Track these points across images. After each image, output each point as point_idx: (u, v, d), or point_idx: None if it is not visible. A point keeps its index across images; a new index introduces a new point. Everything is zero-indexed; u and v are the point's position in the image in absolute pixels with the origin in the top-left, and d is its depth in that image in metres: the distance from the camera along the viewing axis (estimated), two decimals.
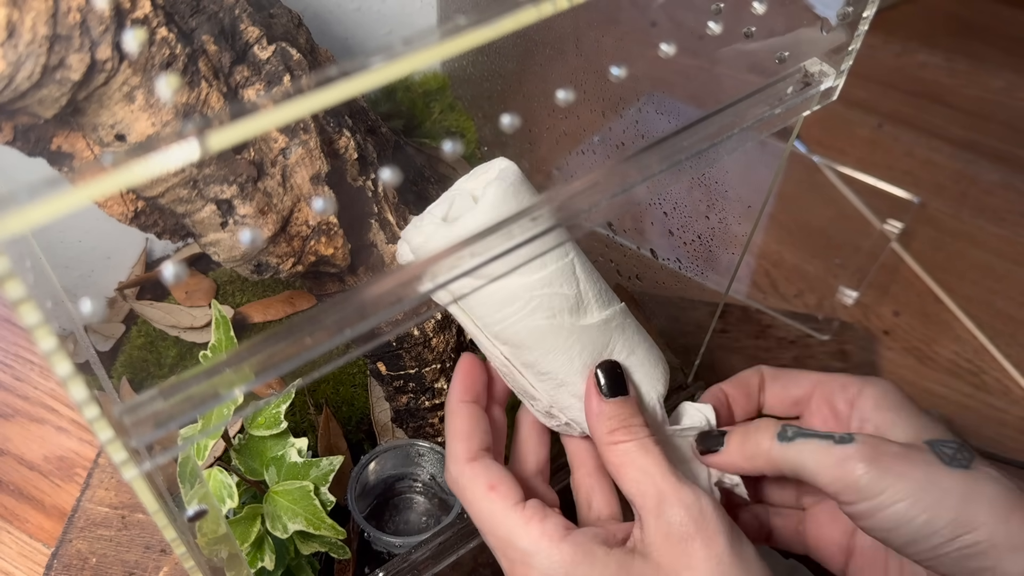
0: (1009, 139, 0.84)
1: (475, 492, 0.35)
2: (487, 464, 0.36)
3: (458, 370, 0.39)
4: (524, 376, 0.37)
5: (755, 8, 0.32)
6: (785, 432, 0.35)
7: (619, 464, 0.34)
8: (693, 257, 0.51)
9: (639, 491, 0.33)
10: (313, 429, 0.51)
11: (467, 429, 0.37)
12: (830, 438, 0.34)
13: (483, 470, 0.35)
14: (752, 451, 0.36)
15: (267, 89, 0.41)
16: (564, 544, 0.32)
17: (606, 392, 0.36)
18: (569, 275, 0.36)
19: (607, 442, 0.35)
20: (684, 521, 0.32)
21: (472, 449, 0.36)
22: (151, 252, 0.62)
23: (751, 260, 0.71)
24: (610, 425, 0.35)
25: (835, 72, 0.34)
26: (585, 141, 0.55)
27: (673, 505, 0.32)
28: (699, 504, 0.32)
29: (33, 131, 0.37)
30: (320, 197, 0.38)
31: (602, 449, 0.35)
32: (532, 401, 0.39)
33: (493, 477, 0.35)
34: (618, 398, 0.36)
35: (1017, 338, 0.67)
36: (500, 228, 0.26)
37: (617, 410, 0.35)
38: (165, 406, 0.21)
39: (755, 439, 0.36)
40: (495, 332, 0.36)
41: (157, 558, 0.49)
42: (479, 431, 0.37)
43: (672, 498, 0.32)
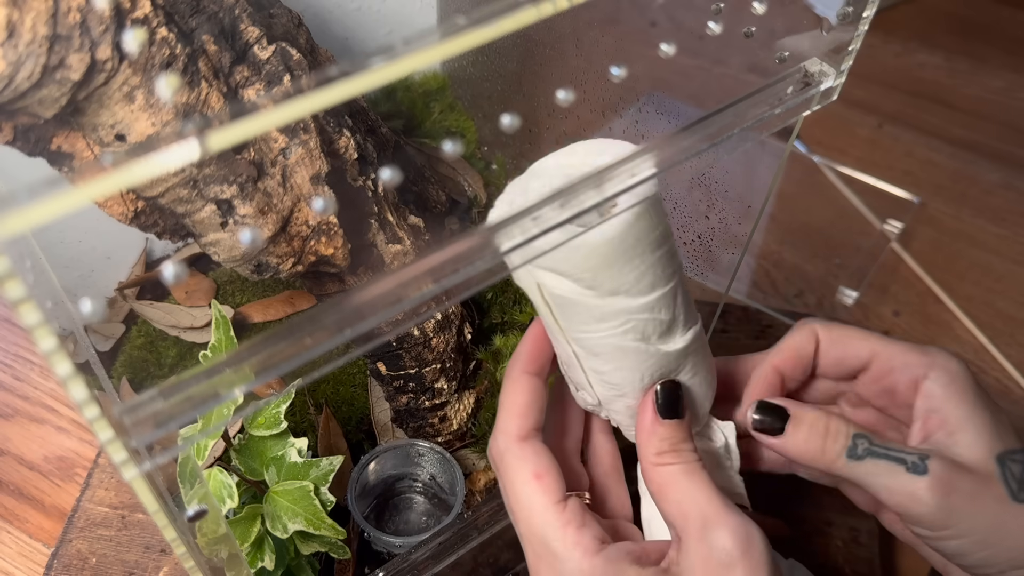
0: (1009, 139, 0.84)
1: (519, 475, 0.33)
2: (538, 449, 0.34)
3: (527, 337, 0.36)
4: (587, 376, 0.36)
5: (755, 8, 0.32)
6: (855, 449, 0.34)
7: (662, 484, 0.33)
8: (693, 257, 0.51)
9: (681, 512, 0.32)
10: (313, 429, 0.51)
11: (525, 404, 0.35)
12: (903, 462, 0.33)
13: (533, 454, 0.34)
14: (815, 455, 0.35)
15: (267, 89, 0.41)
16: (597, 558, 0.31)
17: (662, 412, 0.34)
18: (671, 301, 0.34)
19: (654, 462, 0.33)
20: (729, 548, 0.30)
21: (526, 427, 0.34)
22: (151, 252, 0.62)
23: (751, 260, 0.71)
24: (660, 447, 0.34)
25: (835, 72, 0.34)
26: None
27: (719, 529, 0.31)
28: (747, 531, 0.31)
29: (33, 131, 0.37)
30: (320, 197, 0.38)
31: (646, 466, 0.34)
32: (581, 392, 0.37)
33: (542, 465, 0.33)
34: (673, 420, 0.34)
35: (1017, 338, 0.67)
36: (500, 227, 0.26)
37: (670, 432, 0.34)
38: (165, 406, 0.21)
39: (822, 444, 0.35)
40: (576, 337, 0.34)
41: (157, 558, 0.49)
42: (536, 408, 0.35)
43: (717, 522, 0.31)
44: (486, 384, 0.53)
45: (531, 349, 0.36)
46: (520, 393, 0.35)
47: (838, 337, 0.39)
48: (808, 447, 0.35)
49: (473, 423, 0.53)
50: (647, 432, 0.34)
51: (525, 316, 0.55)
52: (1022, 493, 0.33)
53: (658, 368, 0.35)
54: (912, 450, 0.34)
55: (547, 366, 0.36)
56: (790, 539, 0.50)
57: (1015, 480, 0.33)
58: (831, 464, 0.34)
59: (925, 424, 0.35)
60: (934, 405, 0.35)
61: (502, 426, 0.35)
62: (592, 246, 0.30)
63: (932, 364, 0.36)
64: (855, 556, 0.51)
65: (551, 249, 0.28)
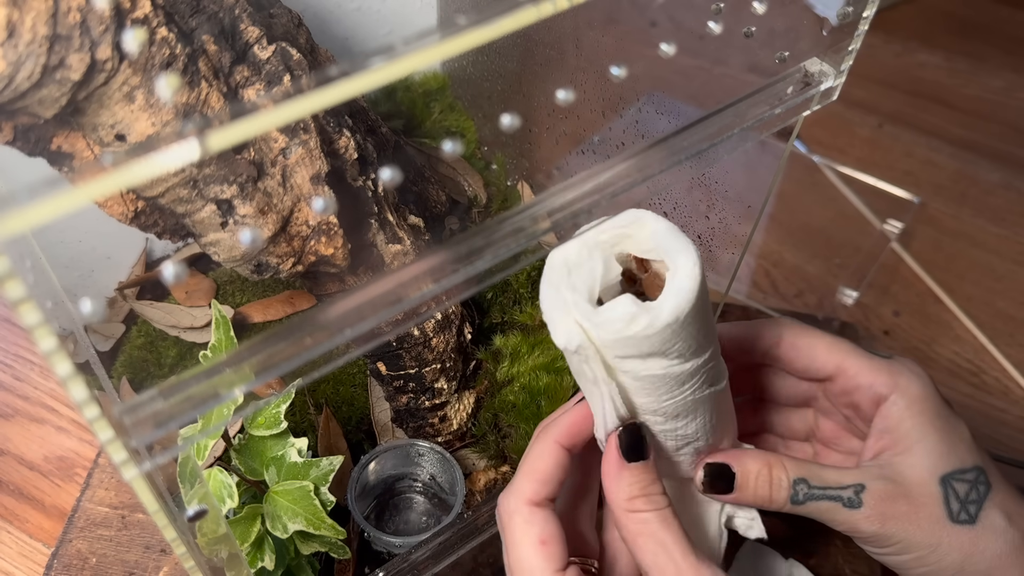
0: (1009, 139, 0.84)
1: (524, 538, 0.34)
2: (547, 516, 0.34)
3: (572, 414, 0.36)
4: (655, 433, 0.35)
5: (755, 8, 0.32)
6: (797, 496, 0.36)
7: (636, 533, 0.33)
8: None
9: (655, 565, 0.32)
10: (313, 429, 0.51)
11: (548, 472, 0.35)
12: (839, 500, 0.35)
13: (542, 520, 0.34)
14: (766, 503, 0.36)
15: (267, 89, 0.41)
16: None
17: (627, 456, 0.34)
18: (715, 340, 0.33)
19: (626, 508, 0.34)
20: None
21: (542, 494, 0.35)
22: (151, 252, 0.62)
23: (751, 260, 0.71)
24: (630, 491, 0.34)
25: (835, 72, 0.34)
26: (585, 141, 0.55)
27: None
28: None
29: (33, 131, 0.37)
30: (320, 197, 0.38)
31: (619, 514, 0.34)
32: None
33: (548, 532, 0.34)
34: (639, 463, 0.34)
35: (1017, 338, 0.67)
36: (499, 228, 0.26)
37: (637, 476, 0.34)
38: (165, 406, 0.21)
39: (768, 494, 0.36)
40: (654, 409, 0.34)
41: (157, 558, 0.49)
42: (557, 480, 0.35)
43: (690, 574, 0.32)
44: (486, 384, 0.53)
45: (572, 425, 0.36)
46: (546, 460, 0.35)
47: (806, 345, 0.39)
48: (757, 498, 0.36)
49: (473, 423, 0.53)
50: (614, 477, 0.34)
51: (525, 316, 0.55)
52: (962, 514, 0.35)
53: (714, 406, 0.35)
54: (849, 483, 0.35)
55: (580, 446, 0.36)
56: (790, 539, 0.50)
57: (958, 500, 0.35)
58: (781, 508, 0.36)
59: (877, 442, 0.37)
60: (889, 425, 0.37)
61: (518, 486, 0.35)
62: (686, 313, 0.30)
63: (895, 385, 0.37)
64: (855, 555, 0.51)
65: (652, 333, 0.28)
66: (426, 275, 0.25)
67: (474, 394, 0.53)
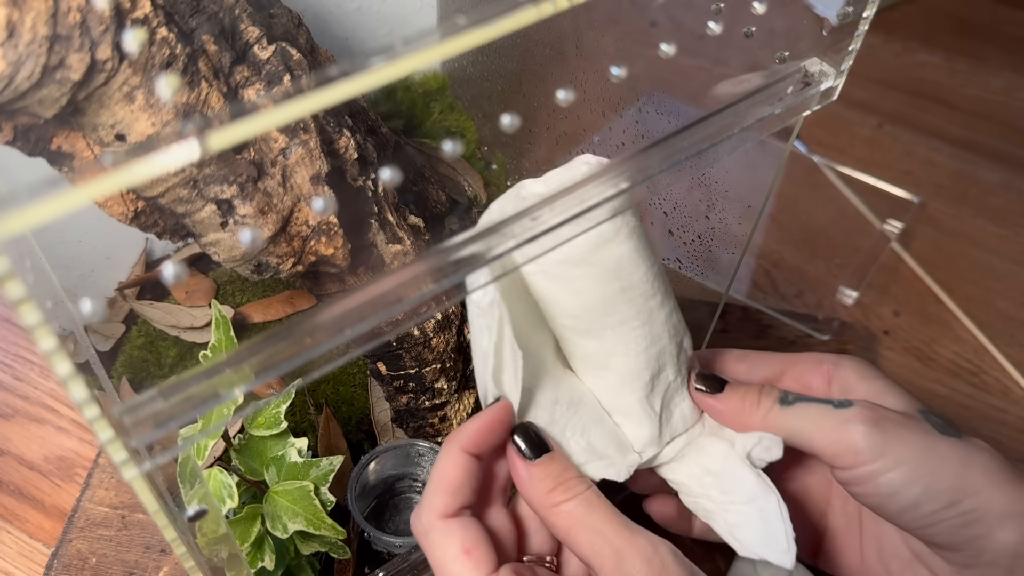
0: (1009, 139, 0.84)
1: (446, 553, 0.32)
2: (464, 523, 0.33)
3: (481, 418, 0.34)
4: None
5: (755, 8, 0.32)
6: (787, 397, 0.35)
7: (568, 527, 0.32)
8: (693, 257, 0.51)
9: (594, 552, 0.31)
10: (313, 429, 0.51)
11: (457, 483, 0.33)
12: (829, 403, 0.34)
13: (460, 529, 0.32)
14: (751, 408, 0.35)
15: (267, 89, 0.41)
16: None
17: (529, 455, 0.34)
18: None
19: (547, 505, 0.33)
20: (645, 573, 0.30)
21: (454, 505, 0.33)
22: (151, 252, 0.62)
23: (751, 260, 0.71)
24: (544, 487, 0.33)
25: (835, 72, 0.34)
26: (585, 141, 0.55)
27: (632, 559, 0.31)
28: (658, 555, 0.31)
29: (33, 131, 0.37)
30: (320, 197, 0.38)
31: (545, 515, 0.33)
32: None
33: (470, 540, 0.32)
34: (543, 457, 0.34)
35: (1017, 338, 0.67)
36: (500, 227, 0.26)
37: (547, 470, 0.33)
38: (165, 406, 0.21)
39: (757, 397, 0.35)
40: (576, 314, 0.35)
41: (157, 558, 0.49)
42: (468, 488, 0.34)
43: (629, 553, 0.31)
44: None
45: (478, 430, 0.34)
46: (453, 469, 0.33)
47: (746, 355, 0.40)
48: (744, 403, 0.36)
49: None
50: (526, 480, 0.33)
51: None
52: (947, 431, 0.33)
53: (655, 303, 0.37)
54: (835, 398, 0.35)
55: (488, 452, 0.35)
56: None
57: (939, 426, 0.34)
58: (764, 418, 0.35)
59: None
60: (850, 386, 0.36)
61: (428, 502, 0.34)
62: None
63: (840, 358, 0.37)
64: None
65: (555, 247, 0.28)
66: (426, 275, 0.25)
67: (474, 394, 0.53)
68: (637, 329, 0.36)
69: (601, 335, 0.35)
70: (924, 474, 0.32)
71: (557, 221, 0.26)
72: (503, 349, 0.33)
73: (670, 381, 0.38)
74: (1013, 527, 0.31)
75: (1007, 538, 0.31)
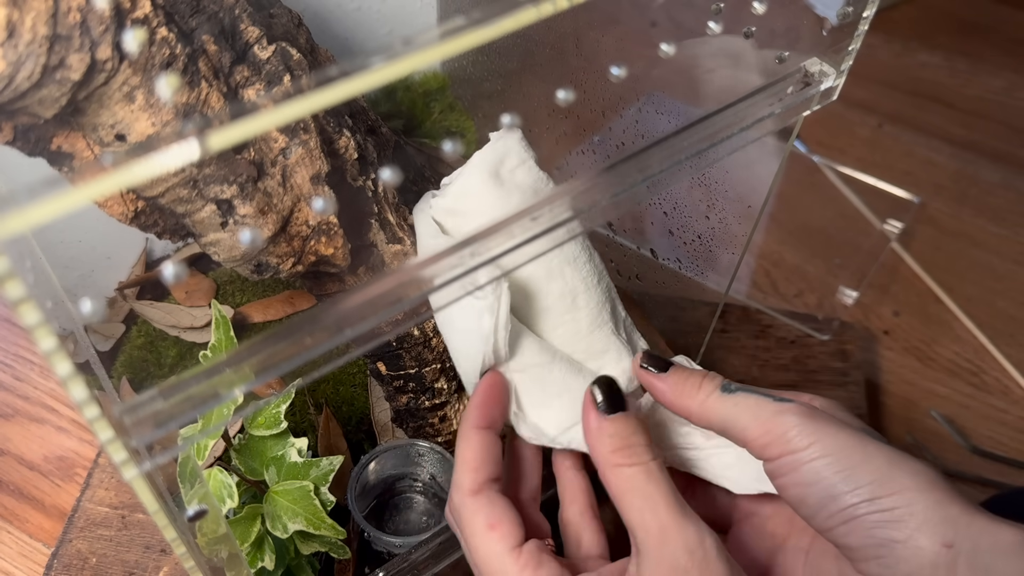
0: (1009, 139, 0.84)
1: (474, 528, 0.34)
2: (491, 498, 0.34)
3: (478, 391, 0.37)
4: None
5: (755, 8, 0.32)
6: (728, 386, 0.34)
7: (624, 490, 0.33)
8: (693, 257, 0.51)
9: (642, 522, 0.32)
10: (313, 429, 0.51)
11: (478, 459, 0.35)
12: (770, 397, 0.33)
13: (486, 504, 0.34)
14: (691, 391, 0.35)
15: (267, 89, 0.41)
16: None
17: (605, 409, 0.34)
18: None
19: (611, 463, 0.33)
20: (685, 561, 0.31)
21: (479, 481, 0.35)
22: (151, 252, 0.62)
23: (751, 260, 0.71)
24: (612, 444, 0.33)
25: (835, 72, 0.34)
26: (585, 141, 0.55)
27: (675, 542, 0.31)
28: (703, 546, 0.31)
29: (33, 131, 0.37)
30: (320, 197, 0.38)
31: (604, 470, 0.34)
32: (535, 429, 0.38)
33: (495, 515, 0.34)
34: (618, 415, 0.34)
35: (1017, 338, 0.67)
36: (500, 227, 0.26)
37: (618, 428, 0.34)
38: (165, 406, 0.21)
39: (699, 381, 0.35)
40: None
41: (157, 558, 0.49)
42: (489, 461, 0.35)
43: (674, 536, 0.31)
44: None
45: (481, 404, 0.36)
46: (471, 448, 0.35)
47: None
48: (686, 386, 0.35)
49: None
50: (595, 433, 0.34)
51: None
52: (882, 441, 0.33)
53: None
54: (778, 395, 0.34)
55: (499, 419, 0.37)
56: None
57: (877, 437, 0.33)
58: (703, 402, 0.34)
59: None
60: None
61: (456, 482, 0.35)
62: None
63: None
64: None
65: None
66: (426, 275, 0.25)
67: None
68: (587, 264, 0.39)
69: (561, 272, 0.38)
70: (848, 465, 0.31)
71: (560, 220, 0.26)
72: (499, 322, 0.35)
73: (623, 315, 0.41)
74: (932, 533, 0.29)
75: (925, 544, 0.29)
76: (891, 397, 0.64)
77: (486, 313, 0.35)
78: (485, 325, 0.35)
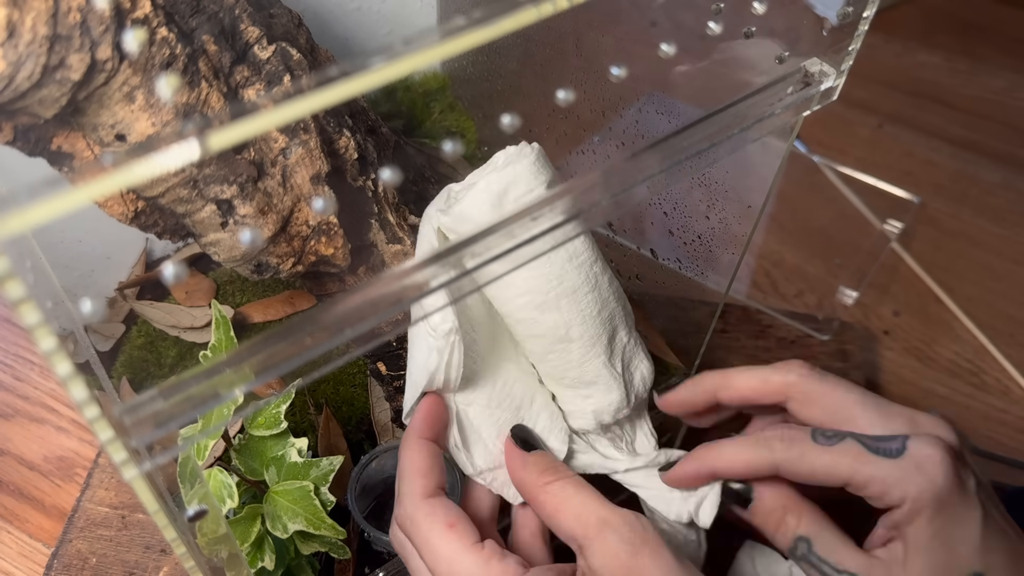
0: (1009, 139, 0.84)
1: (432, 529, 0.34)
2: (445, 502, 0.35)
3: (421, 408, 0.38)
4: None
5: (755, 8, 0.32)
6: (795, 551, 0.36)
7: (556, 504, 0.35)
8: (693, 257, 0.51)
9: (580, 523, 0.34)
10: (313, 429, 0.51)
11: (426, 466, 0.36)
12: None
13: (441, 507, 0.35)
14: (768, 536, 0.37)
15: (267, 89, 0.41)
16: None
17: (524, 449, 0.38)
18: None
19: (540, 484, 0.35)
20: (630, 537, 0.32)
21: (429, 486, 0.36)
22: (151, 252, 0.62)
23: (751, 260, 0.71)
24: (538, 467, 0.36)
25: (835, 72, 0.34)
26: (585, 141, 0.55)
27: (616, 525, 0.33)
28: (640, 522, 0.33)
29: (33, 131, 0.37)
30: (320, 197, 0.38)
31: (535, 493, 0.36)
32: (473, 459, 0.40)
33: (452, 515, 0.35)
34: (536, 451, 0.37)
35: (1017, 338, 0.67)
36: (500, 227, 0.26)
37: (540, 458, 0.37)
38: (165, 406, 0.21)
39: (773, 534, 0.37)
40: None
41: (157, 558, 0.49)
42: (437, 469, 0.36)
43: (614, 519, 0.33)
44: None
45: (425, 417, 0.38)
46: (419, 457, 0.36)
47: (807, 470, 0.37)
48: (766, 527, 0.37)
49: None
50: (520, 465, 0.37)
51: None
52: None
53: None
54: (842, 569, 0.34)
55: (442, 434, 0.38)
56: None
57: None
58: (781, 548, 0.37)
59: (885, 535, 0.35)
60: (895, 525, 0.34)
61: (405, 491, 0.36)
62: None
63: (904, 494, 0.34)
64: None
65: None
66: (426, 275, 0.25)
67: None
68: (588, 295, 0.38)
69: (557, 305, 0.38)
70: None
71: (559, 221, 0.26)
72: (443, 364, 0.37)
73: (624, 343, 0.41)
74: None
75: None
76: (891, 397, 0.63)
77: (435, 353, 0.37)
78: (431, 363, 0.37)
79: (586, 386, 0.40)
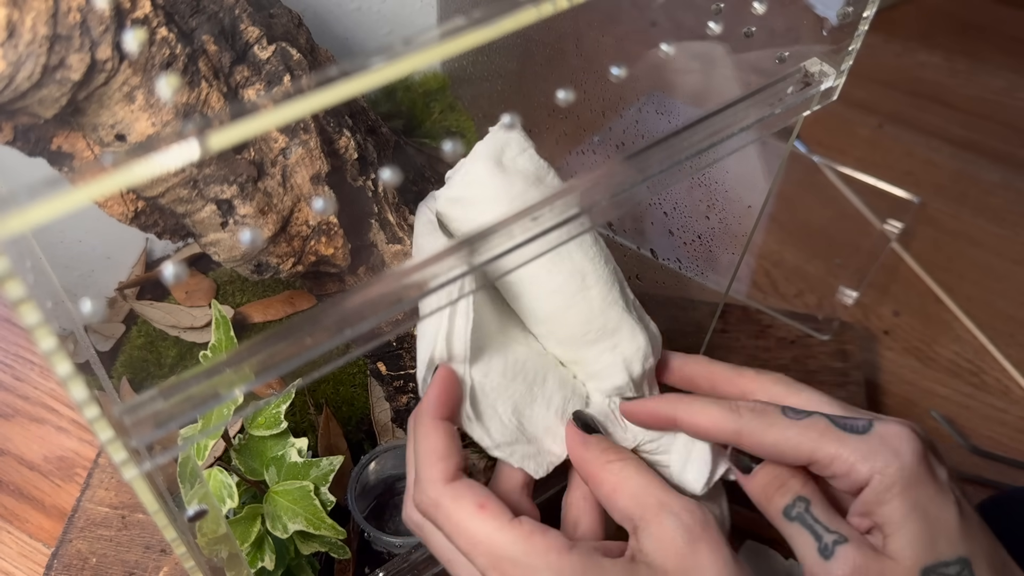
0: (1009, 139, 0.84)
1: (462, 513, 0.32)
2: (469, 483, 0.33)
3: (434, 383, 0.35)
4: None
5: (755, 8, 0.32)
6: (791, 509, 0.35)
7: (616, 482, 0.34)
8: (693, 257, 0.51)
9: (638, 504, 0.33)
10: (313, 429, 0.51)
11: (444, 448, 0.34)
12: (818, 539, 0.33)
13: (467, 489, 0.33)
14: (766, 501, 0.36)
15: (267, 89, 0.41)
16: (572, 555, 0.31)
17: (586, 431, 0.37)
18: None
19: (602, 462, 0.35)
20: (690, 524, 0.32)
21: (450, 469, 0.33)
22: (151, 252, 0.62)
23: (751, 260, 0.71)
24: (600, 447, 0.36)
25: (835, 72, 0.34)
26: (585, 141, 0.55)
27: (677, 510, 0.32)
28: (702, 511, 0.32)
29: (33, 131, 0.37)
30: (320, 197, 0.38)
31: (595, 471, 0.35)
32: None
33: (480, 496, 0.32)
34: (598, 434, 0.37)
35: (1017, 338, 0.67)
36: (500, 227, 0.26)
37: (601, 440, 0.37)
38: (165, 406, 0.21)
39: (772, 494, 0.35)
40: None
41: (157, 558, 0.49)
42: (455, 450, 0.34)
43: (675, 505, 0.32)
44: None
45: (439, 394, 0.35)
46: (438, 438, 0.34)
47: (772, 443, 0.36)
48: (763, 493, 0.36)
49: None
50: (582, 444, 0.37)
51: None
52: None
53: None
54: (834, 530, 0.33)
55: (455, 413, 0.36)
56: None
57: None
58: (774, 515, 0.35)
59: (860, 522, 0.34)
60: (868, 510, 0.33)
61: (425, 476, 0.33)
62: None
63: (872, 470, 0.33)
64: None
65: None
66: (427, 275, 0.25)
67: None
68: (592, 246, 0.39)
69: (571, 254, 0.39)
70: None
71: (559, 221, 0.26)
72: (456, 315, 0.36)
73: (631, 297, 0.41)
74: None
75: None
76: (891, 397, 0.64)
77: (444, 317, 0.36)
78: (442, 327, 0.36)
79: (611, 335, 0.40)
